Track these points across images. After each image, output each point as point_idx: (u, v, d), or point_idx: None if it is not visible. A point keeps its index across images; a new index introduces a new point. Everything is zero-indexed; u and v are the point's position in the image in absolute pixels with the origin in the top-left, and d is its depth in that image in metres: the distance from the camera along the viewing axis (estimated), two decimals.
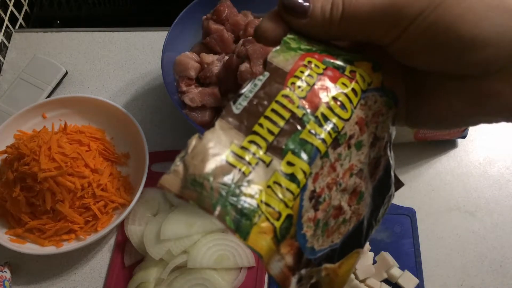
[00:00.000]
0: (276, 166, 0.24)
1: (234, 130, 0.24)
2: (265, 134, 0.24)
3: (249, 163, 0.23)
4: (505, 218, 0.65)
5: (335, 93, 0.26)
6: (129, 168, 0.69)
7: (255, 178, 0.23)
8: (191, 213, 0.62)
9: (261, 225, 0.22)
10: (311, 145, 0.24)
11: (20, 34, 0.86)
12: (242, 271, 0.61)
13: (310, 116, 0.25)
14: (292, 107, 0.25)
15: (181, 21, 0.70)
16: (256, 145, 0.24)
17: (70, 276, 0.63)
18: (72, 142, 0.64)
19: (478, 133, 0.72)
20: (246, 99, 0.25)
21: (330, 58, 0.27)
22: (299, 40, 0.28)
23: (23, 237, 0.62)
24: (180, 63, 0.68)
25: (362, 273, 0.57)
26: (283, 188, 0.23)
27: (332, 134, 0.25)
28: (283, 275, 0.24)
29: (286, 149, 0.24)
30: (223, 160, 0.23)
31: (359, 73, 0.27)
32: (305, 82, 0.26)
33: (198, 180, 0.22)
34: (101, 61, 0.82)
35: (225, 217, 0.22)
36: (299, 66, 0.26)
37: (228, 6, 0.70)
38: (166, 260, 0.59)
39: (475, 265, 0.62)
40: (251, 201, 0.23)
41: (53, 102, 0.71)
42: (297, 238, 0.24)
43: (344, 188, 0.26)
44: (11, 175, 0.61)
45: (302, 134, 0.24)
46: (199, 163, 0.23)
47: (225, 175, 0.23)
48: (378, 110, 0.28)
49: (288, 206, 0.23)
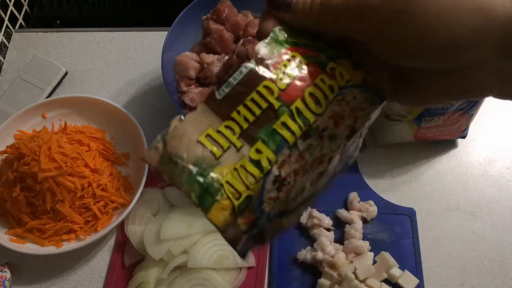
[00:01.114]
0: (245, 151, 0.26)
1: (214, 115, 0.27)
2: (241, 121, 0.27)
3: (221, 146, 0.26)
4: (505, 218, 0.65)
5: (312, 89, 0.28)
6: (129, 168, 0.69)
7: (224, 160, 0.26)
8: (191, 213, 0.62)
9: (222, 202, 0.26)
10: (281, 136, 0.27)
11: (20, 34, 0.86)
12: (242, 271, 0.61)
13: (285, 108, 0.27)
14: (271, 98, 0.27)
15: (181, 21, 0.70)
16: (231, 130, 0.27)
17: (70, 276, 0.63)
18: (72, 142, 0.64)
19: (478, 133, 0.72)
20: (230, 86, 0.27)
21: (314, 54, 0.29)
22: (287, 33, 0.30)
23: (23, 237, 0.62)
24: (180, 63, 0.68)
25: (362, 273, 0.57)
26: (247, 173, 0.26)
27: (303, 128, 0.28)
28: (236, 238, 0.26)
29: (257, 137, 0.27)
30: (198, 142, 0.26)
31: (339, 70, 0.29)
32: (286, 76, 0.28)
33: (173, 159, 0.26)
34: (101, 61, 0.82)
35: (191, 193, 0.25)
36: (283, 60, 0.28)
37: (228, 6, 0.70)
38: (166, 260, 0.59)
39: (475, 265, 0.62)
40: (217, 181, 0.26)
41: (53, 102, 0.71)
42: (256, 212, 0.27)
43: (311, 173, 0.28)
44: (11, 175, 0.61)
45: (275, 125, 0.27)
46: (176, 143, 0.26)
47: (197, 157, 0.26)
48: (357, 105, 0.29)
49: (249, 189, 0.26)
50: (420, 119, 0.64)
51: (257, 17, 0.70)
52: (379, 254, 0.60)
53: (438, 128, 0.65)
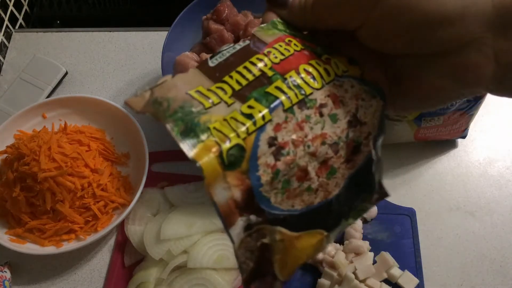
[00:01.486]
0: (237, 106, 0.25)
1: (205, 78, 0.26)
2: (233, 84, 0.26)
3: (211, 100, 0.25)
4: (505, 218, 0.65)
5: (307, 66, 0.28)
6: (129, 168, 0.69)
7: (213, 111, 0.25)
8: (191, 213, 0.62)
9: (207, 143, 0.23)
10: (275, 97, 0.26)
11: (20, 34, 0.86)
12: None
13: (278, 76, 0.27)
14: (264, 67, 0.27)
15: (181, 21, 0.70)
16: (222, 90, 0.26)
17: (70, 276, 0.63)
18: (72, 142, 0.64)
19: (478, 133, 0.72)
20: (223, 57, 0.27)
21: (310, 45, 0.29)
22: (286, 26, 0.30)
23: (23, 237, 0.62)
24: (180, 63, 0.68)
25: (362, 273, 0.57)
26: (238, 122, 0.24)
27: (299, 96, 0.26)
28: (228, 208, 0.24)
29: (249, 97, 0.25)
30: (187, 93, 0.25)
31: (334, 61, 0.29)
32: (280, 53, 0.28)
33: (159, 100, 0.25)
34: (101, 61, 0.82)
35: (174, 128, 0.24)
36: (279, 41, 0.28)
37: (228, 6, 0.70)
38: (166, 260, 0.59)
39: (475, 265, 0.62)
40: (203, 123, 0.24)
41: (53, 102, 0.71)
42: (250, 176, 0.24)
43: (313, 152, 0.27)
44: (11, 175, 0.61)
45: (268, 88, 0.26)
46: (164, 90, 0.25)
47: (185, 102, 0.25)
48: (356, 93, 0.29)
49: (240, 137, 0.24)
50: (420, 119, 0.64)
51: (257, 17, 0.70)
52: (379, 254, 0.60)
53: (438, 128, 0.65)
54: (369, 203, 0.29)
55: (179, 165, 0.70)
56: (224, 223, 0.24)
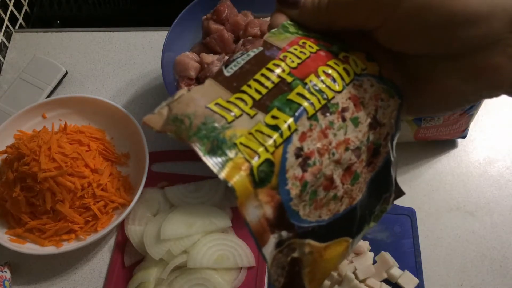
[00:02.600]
0: (260, 118, 0.24)
1: (222, 88, 0.25)
2: (252, 93, 0.25)
3: (233, 113, 0.24)
4: (505, 218, 0.65)
5: (326, 68, 0.27)
6: (129, 168, 0.69)
7: (237, 124, 0.23)
8: (191, 213, 0.62)
9: (237, 160, 0.22)
10: (298, 104, 0.25)
11: (20, 34, 0.86)
12: (242, 271, 0.61)
13: (298, 82, 0.26)
14: (282, 73, 0.26)
15: (181, 21, 0.70)
16: (243, 101, 0.24)
17: (70, 276, 0.63)
18: (72, 142, 0.64)
19: (478, 133, 0.72)
20: (238, 65, 0.26)
21: (325, 44, 0.28)
22: (298, 27, 0.29)
23: (23, 237, 0.62)
24: (180, 63, 0.68)
25: (362, 273, 0.57)
26: (264, 135, 0.23)
27: (321, 101, 0.25)
28: (261, 226, 0.23)
29: (272, 106, 0.24)
30: (207, 107, 0.24)
31: (352, 58, 0.28)
32: (296, 57, 0.27)
33: (179, 118, 0.23)
34: (101, 61, 0.82)
35: (201, 148, 0.22)
36: (293, 45, 0.27)
37: (228, 6, 0.70)
38: (166, 260, 0.59)
39: (475, 265, 0.62)
40: (229, 139, 0.23)
41: (53, 102, 0.71)
42: (280, 191, 0.24)
43: (338, 159, 0.26)
44: (11, 175, 0.61)
45: (290, 95, 0.25)
46: (183, 106, 0.24)
47: (207, 117, 0.23)
48: (375, 94, 0.28)
49: (268, 151, 0.23)
50: (420, 119, 0.64)
51: (257, 17, 0.70)
52: (379, 254, 0.60)
53: (438, 128, 0.65)
54: (388, 203, 0.29)
55: (179, 165, 0.70)
56: (258, 242, 0.23)
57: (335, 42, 0.29)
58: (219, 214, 0.62)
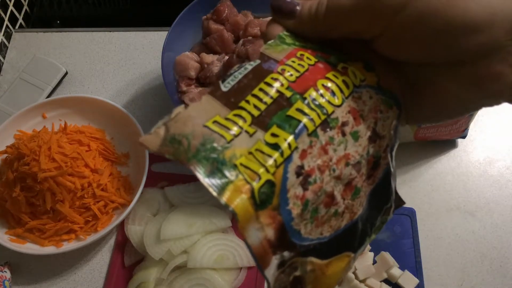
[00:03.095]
0: (260, 136, 0.23)
1: (220, 105, 0.24)
2: (251, 109, 0.24)
3: (231, 131, 0.23)
4: (505, 218, 0.65)
5: (325, 81, 0.26)
6: (129, 168, 0.69)
7: (236, 144, 0.23)
8: (191, 213, 0.62)
9: (237, 183, 0.22)
10: (297, 120, 0.24)
11: (20, 34, 0.86)
12: (242, 271, 0.61)
13: (297, 96, 0.25)
14: (281, 88, 0.25)
15: (181, 21, 0.70)
16: (241, 118, 0.24)
17: (70, 276, 0.63)
18: (72, 142, 0.64)
19: (478, 133, 0.72)
20: (235, 79, 0.25)
21: (323, 55, 0.27)
22: (294, 38, 0.28)
23: (23, 237, 0.62)
24: (180, 63, 0.68)
25: (362, 273, 0.57)
26: (264, 155, 0.23)
27: (321, 116, 0.25)
28: (262, 249, 0.22)
29: (271, 123, 0.24)
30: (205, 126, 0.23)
31: (351, 70, 0.27)
32: (295, 70, 0.26)
33: (177, 138, 0.23)
34: (101, 61, 0.82)
35: (200, 170, 0.22)
36: (291, 57, 0.26)
37: (228, 6, 0.70)
38: (166, 260, 0.59)
39: (475, 265, 0.62)
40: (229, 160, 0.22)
41: (53, 102, 0.71)
42: (281, 212, 0.23)
43: (338, 175, 0.26)
44: (11, 175, 0.61)
45: (289, 111, 0.24)
46: (181, 125, 0.23)
47: (205, 137, 0.23)
48: (374, 106, 0.27)
49: (269, 172, 0.23)
50: None
51: (257, 17, 0.70)
52: (379, 254, 0.60)
53: (438, 128, 0.65)
54: (388, 214, 0.29)
55: (179, 165, 0.70)
56: (259, 265, 0.23)
57: (333, 52, 0.28)
58: (219, 214, 0.62)
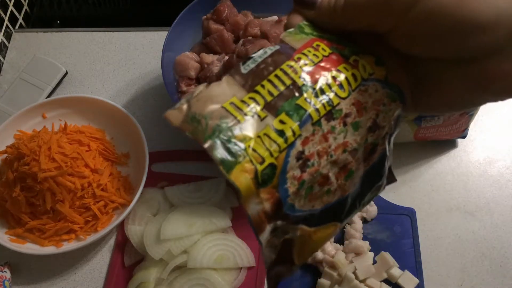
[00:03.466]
0: (269, 121, 0.26)
1: (238, 86, 0.27)
2: (265, 94, 0.27)
3: (245, 114, 0.26)
4: (505, 218, 0.65)
5: (336, 73, 0.28)
6: (129, 168, 0.69)
7: (248, 126, 0.26)
8: (191, 213, 0.62)
9: (244, 164, 0.25)
10: (304, 110, 0.27)
11: (20, 34, 0.86)
12: (242, 271, 0.61)
13: (308, 87, 0.28)
14: (294, 76, 0.28)
15: (181, 21, 0.70)
16: (255, 101, 0.27)
17: (70, 276, 0.63)
18: (72, 142, 0.64)
19: (478, 133, 0.72)
20: (255, 63, 0.28)
21: (338, 46, 0.30)
22: (313, 28, 0.30)
23: (23, 237, 0.62)
24: (180, 63, 0.68)
25: (362, 273, 0.57)
26: (271, 140, 0.26)
27: (327, 107, 0.28)
28: (259, 219, 0.26)
29: (281, 109, 0.27)
30: (223, 107, 0.26)
31: (362, 63, 0.29)
32: (310, 59, 0.28)
33: (197, 118, 0.26)
34: (101, 61, 0.82)
35: (214, 151, 0.25)
36: (307, 47, 0.29)
37: (228, 6, 0.70)
38: (166, 260, 0.59)
39: (475, 265, 0.62)
40: (240, 143, 0.25)
41: (53, 102, 0.71)
42: (279, 190, 0.26)
43: (335, 160, 0.28)
44: (11, 175, 0.61)
45: (299, 100, 0.27)
46: (201, 105, 0.26)
47: (221, 118, 0.26)
48: (379, 99, 0.29)
49: (273, 156, 0.26)
50: (420, 119, 0.64)
51: (257, 17, 0.70)
52: (379, 254, 0.60)
53: (438, 128, 0.65)
54: (378, 191, 0.31)
55: (179, 165, 0.70)
56: (256, 231, 0.26)
57: (348, 44, 0.30)
58: (219, 214, 0.62)
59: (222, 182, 0.66)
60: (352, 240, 0.60)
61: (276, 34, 0.63)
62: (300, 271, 0.61)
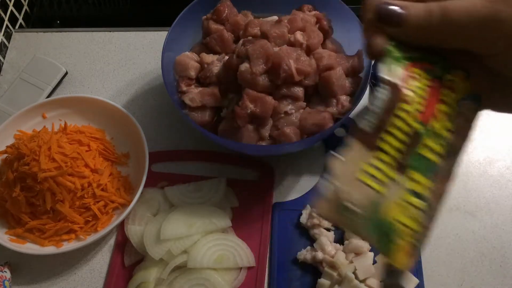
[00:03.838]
0: (403, 183, 0.27)
1: (364, 148, 0.27)
2: (390, 151, 0.27)
3: (380, 181, 0.26)
4: (505, 218, 0.65)
5: (441, 106, 0.28)
6: (129, 168, 0.69)
7: (388, 196, 0.26)
8: (191, 213, 0.62)
9: (402, 245, 0.26)
10: (429, 161, 0.27)
11: (20, 34, 0.86)
12: (242, 271, 0.61)
13: (424, 130, 0.27)
14: (411, 121, 0.27)
15: (181, 21, 0.70)
16: (385, 163, 0.27)
17: (70, 276, 0.63)
18: (72, 142, 0.64)
19: (478, 133, 0.72)
20: (375, 116, 0.27)
21: (429, 67, 0.29)
22: (398, 48, 0.28)
23: (23, 237, 0.62)
24: (180, 63, 0.68)
25: (362, 273, 0.57)
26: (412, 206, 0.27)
27: (443, 149, 0.28)
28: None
29: (408, 166, 0.27)
30: (361, 181, 0.26)
31: (456, 83, 0.29)
32: (418, 96, 0.28)
33: (350, 208, 0.26)
34: (101, 61, 0.82)
35: (372, 240, 0.26)
36: (408, 79, 0.28)
37: (228, 6, 0.70)
38: (166, 260, 0.59)
39: (475, 265, 0.62)
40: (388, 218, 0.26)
41: (53, 102, 0.71)
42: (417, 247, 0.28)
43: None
44: (11, 175, 0.61)
45: (421, 150, 0.27)
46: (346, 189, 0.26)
47: (368, 199, 0.26)
48: (468, 116, 0.30)
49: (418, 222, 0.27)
50: None
51: (257, 17, 0.70)
52: (379, 254, 0.60)
53: None
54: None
55: (179, 165, 0.70)
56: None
57: (436, 59, 0.29)
58: (219, 214, 0.62)
59: (222, 182, 0.66)
60: (352, 240, 0.60)
61: (276, 34, 0.63)
62: (300, 271, 0.61)
